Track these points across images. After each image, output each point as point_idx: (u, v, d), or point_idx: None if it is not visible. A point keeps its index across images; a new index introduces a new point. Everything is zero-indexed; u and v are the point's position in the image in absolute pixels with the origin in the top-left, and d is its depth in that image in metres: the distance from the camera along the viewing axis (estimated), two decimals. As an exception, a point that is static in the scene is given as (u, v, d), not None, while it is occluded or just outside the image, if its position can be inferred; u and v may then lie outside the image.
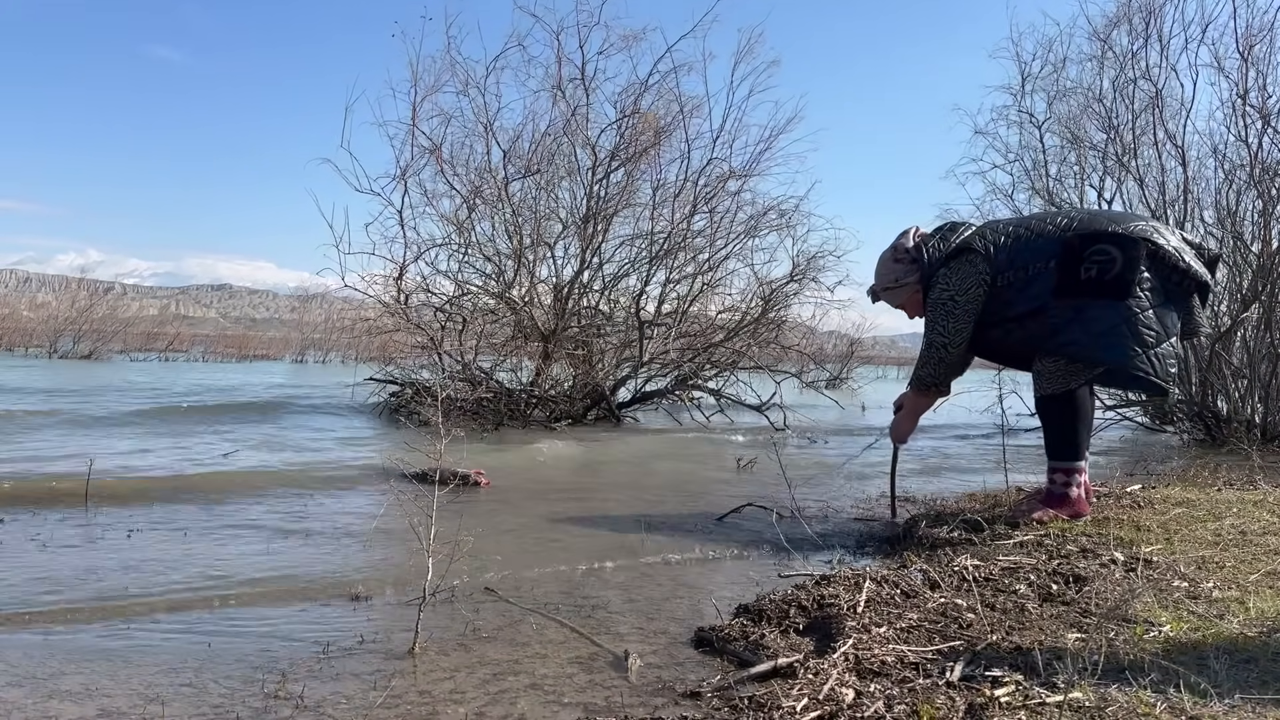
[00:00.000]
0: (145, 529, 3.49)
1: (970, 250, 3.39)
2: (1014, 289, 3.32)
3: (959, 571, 2.62)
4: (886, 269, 3.62)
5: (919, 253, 3.53)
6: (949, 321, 3.39)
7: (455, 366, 8.49)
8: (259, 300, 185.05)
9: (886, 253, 3.64)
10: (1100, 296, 3.19)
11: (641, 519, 3.97)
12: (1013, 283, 3.32)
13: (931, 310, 3.45)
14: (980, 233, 3.46)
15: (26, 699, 1.83)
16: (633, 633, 2.37)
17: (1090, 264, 3.21)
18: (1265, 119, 7.84)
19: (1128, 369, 3.19)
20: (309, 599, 2.63)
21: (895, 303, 3.67)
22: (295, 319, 26.06)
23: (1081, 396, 3.33)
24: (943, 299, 3.40)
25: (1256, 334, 7.97)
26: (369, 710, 1.81)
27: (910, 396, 3.69)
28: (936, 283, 3.44)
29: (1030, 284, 3.29)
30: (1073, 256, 3.23)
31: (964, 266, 3.38)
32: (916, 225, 3.64)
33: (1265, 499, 3.73)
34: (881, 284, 3.65)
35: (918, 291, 3.56)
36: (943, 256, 3.45)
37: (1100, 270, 3.19)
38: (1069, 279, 3.23)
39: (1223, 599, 2.27)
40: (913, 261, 3.54)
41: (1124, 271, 3.18)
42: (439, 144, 8.57)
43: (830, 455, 6.87)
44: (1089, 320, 3.20)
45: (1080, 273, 3.22)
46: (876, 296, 3.71)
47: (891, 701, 1.70)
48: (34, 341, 21.55)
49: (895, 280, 3.60)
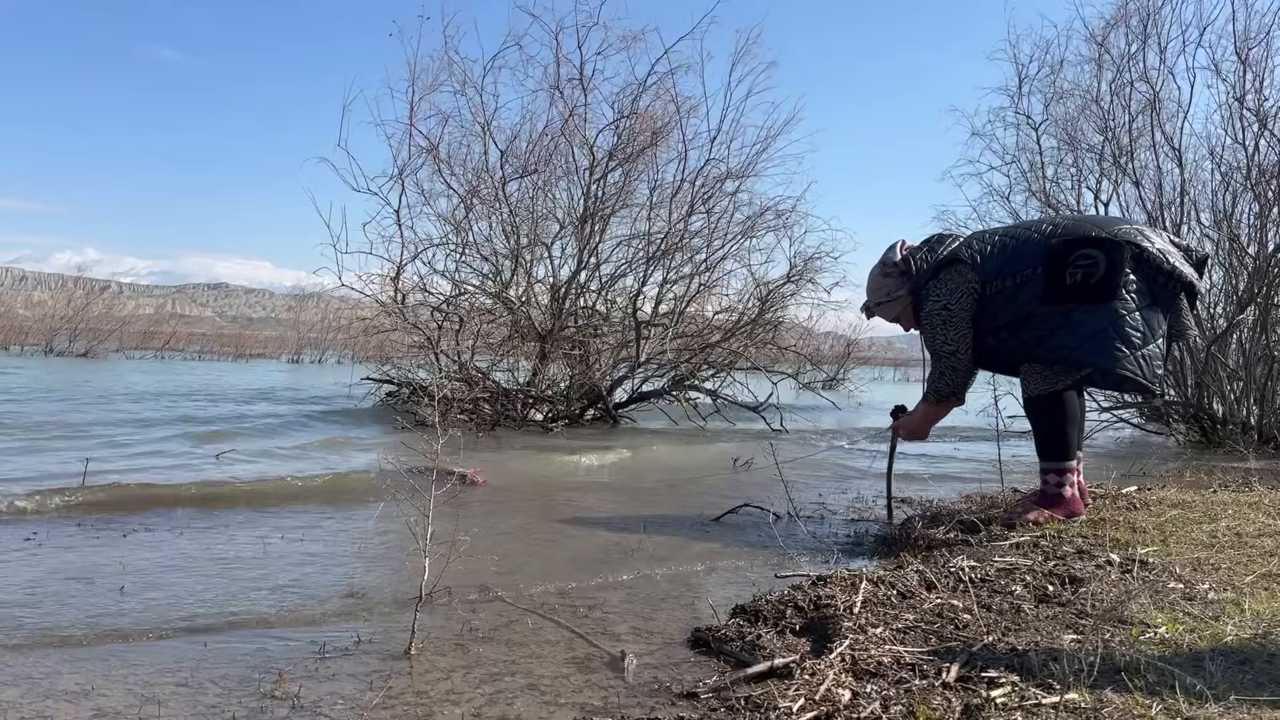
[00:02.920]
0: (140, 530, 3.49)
1: (958, 261, 3.41)
2: (1003, 296, 3.34)
3: (955, 572, 2.62)
4: (877, 284, 3.65)
5: (907, 265, 3.55)
6: (949, 330, 3.40)
7: (452, 366, 8.49)
8: (255, 299, 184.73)
9: (875, 269, 3.67)
10: (1086, 300, 3.22)
11: (638, 519, 3.97)
12: (1001, 291, 3.34)
13: (928, 324, 3.46)
14: (967, 243, 3.48)
15: (23, 699, 1.82)
16: (629, 633, 2.38)
17: (1075, 269, 3.23)
18: (1262, 122, 7.86)
19: (1115, 370, 3.21)
20: (306, 598, 2.63)
21: (889, 316, 3.70)
22: (292, 318, 26.03)
23: (1069, 396, 3.35)
24: (936, 310, 3.42)
25: (1252, 336, 7.99)
26: (365, 711, 1.80)
27: (925, 408, 3.69)
28: (928, 296, 3.45)
29: (1019, 291, 3.31)
30: (1058, 262, 3.26)
31: (954, 277, 3.40)
32: (903, 239, 3.67)
33: (1261, 501, 3.74)
34: (874, 300, 3.69)
35: (908, 305, 3.59)
36: (931, 268, 3.47)
37: (1085, 274, 3.22)
38: (1055, 285, 3.26)
39: (1218, 600, 2.28)
40: (901, 274, 3.57)
41: (1108, 275, 3.20)
42: (436, 143, 8.58)
43: (827, 456, 6.87)
44: (1076, 325, 3.23)
45: (1066, 278, 3.24)
46: (870, 313, 3.75)
47: (888, 702, 1.70)
48: (30, 340, 21.51)
49: (887, 295, 3.63)
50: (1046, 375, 3.32)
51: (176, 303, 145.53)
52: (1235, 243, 8.30)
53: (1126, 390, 3.34)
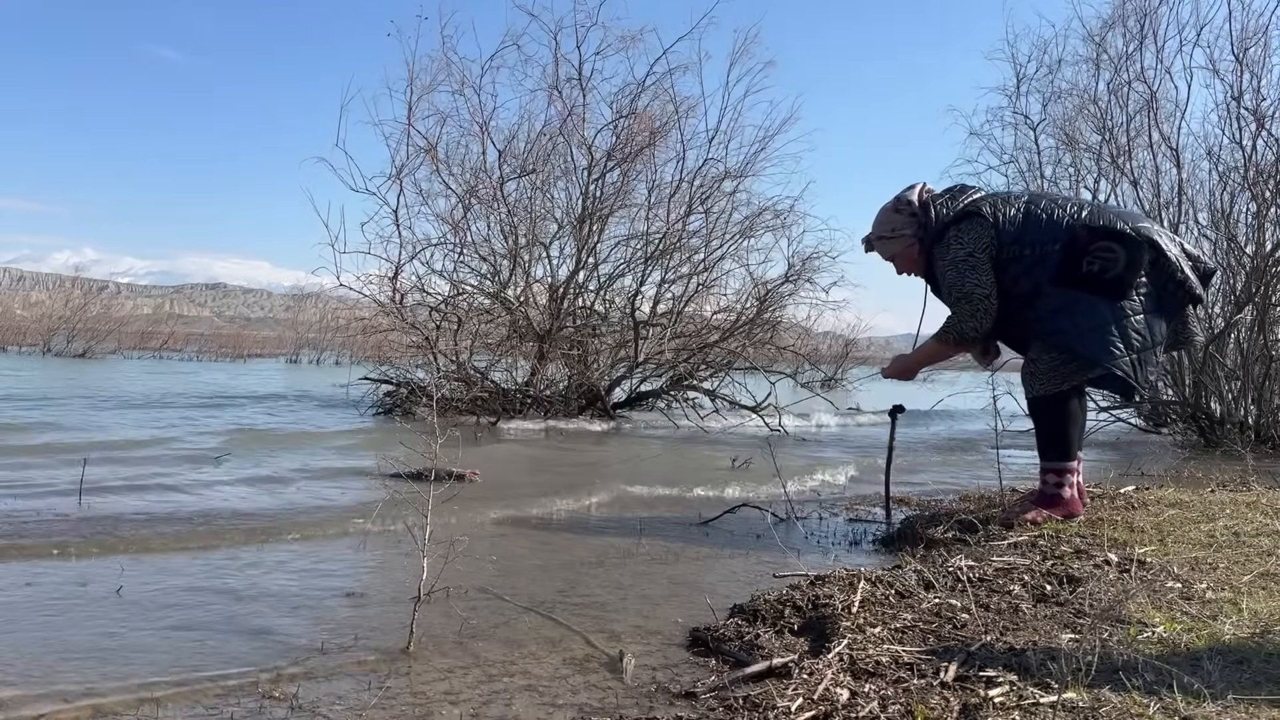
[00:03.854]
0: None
1: (979, 215, 3.34)
2: (1019, 265, 3.28)
3: (953, 572, 2.63)
4: (885, 218, 3.56)
5: (924, 211, 3.46)
6: (976, 274, 3.31)
7: (450, 366, 8.49)
8: (254, 299, 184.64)
9: (889, 203, 3.56)
10: (1095, 292, 3.19)
11: (636, 519, 3.97)
12: (1018, 258, 3.28)
13: (954, 270, 3.35)
14: (990, 200, 3.41)
15: (21, 698, 1.82)
16: (628, 632, 2.37)
17: (1094, 258, 3.19)
18: (1259, 121, 7.87)
19: (1107, 366, 3.18)
20: (304, 598, 2.62)
21: (887, 253, 3.60)
22: (290, 318, 26.01)
23: (1072, 398, 3.34)
24: (961, 256, 3.33)
25: (1250, 336, 8.00)
26: (363, 711, 1.80)
27: (935, 346, 3.55)
28: (950, 242, 3.37)
29: (1036, 264, 3.26)
30: (1078, 247, 3.21)
31: (974, 228, 3.33)
32: (924, 182, 3.57)
33: (1258, 500, 3.74)
34: (877, 232, 3.59)
35: (911, 246, 3.51)
36: (952, 216, 3.39)
37: (1102, 267, 3.18)
38: (1070, 268, 3.21)
39: (1216, 600, 2.28)
40: (912, 216, 3.48)
41: (1124, 272, 3.17)
42: (435, 143, 8.58)
43: (825, 456, 6.88)
44: (1079, 313, 3.20)
45: (1083, 265, 3.20)
46: (870, 245, 3.65)
47: (886, 702, 1.70)
48: (28, 340, 21.49)
49: (891, 230, 3.54)
50: (1052, 374, 3.29)
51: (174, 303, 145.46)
52: (1233, 242, 8.32)
53: (1113, 388, 3.34)
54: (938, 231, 3.42)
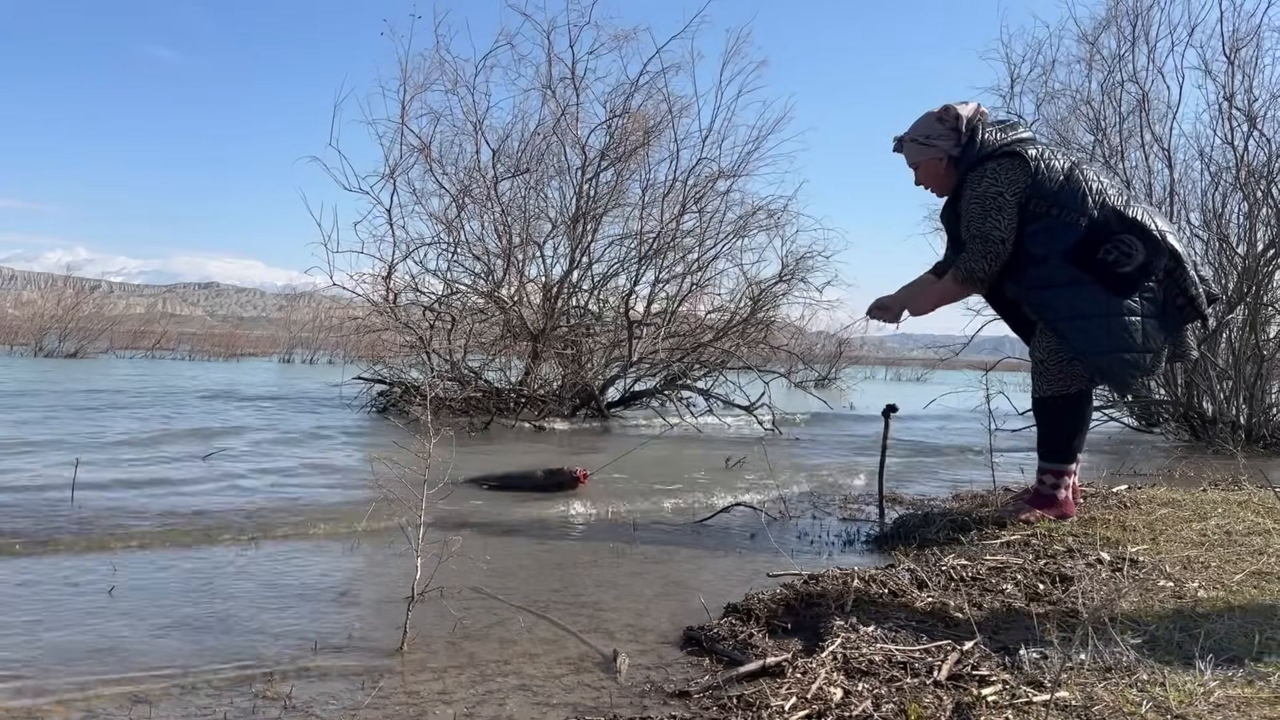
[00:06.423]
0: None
1: (1021, 157, 3.21)
2: (1040, 222, 3.18)
3: (946, 571, 2.63)
4: (924, 122, 3.43)
5: (969, 133, 3.33)
6: (1002, 217, 3.19)
7: (444, 366, 8.48)
8: (246, 298, 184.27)
9: (934, 110, 3.43)
10: (1103, 282, 3.12)
11: (630, 518, 3.97)
12: (1043, 215, 3.17)
13: (979, 204, 3.23)
14: (1039, 146, 3.28)
15: (11, 699, 1.81)
16: (622, 631, 2.37)
17: (1112, 247, 3.11)
18: (1251, 121, 7.91)
19: (1093, 359, 3.14)
20: (296, 597, 2.62)
21: (912, 159, 3.49)
22: (283, 317, 25.96)
23: (1080, 401, 3.29)
24: (992, 194, 3.20)
25: (1241, 335, 8.04)
26: (357, 710, 1.80)
27: (947, 284, 3.43)
28: (985, 175, 3.23)
29: (1057, 229, 3.15)
30: (1104, 231, 3.13)
31: (1013, 169, 3.20)
32: (980, 103, 3.43)
33: (1250, 499, 3.76)
34: (911, 134, 3.45)
35: (939, 160, 3.39)
36: (996, 149, 3.26)
37: (1118, 258, 3.11)
38: (1088, 249, 3.13)
39: (1208, 598, 2.29)
40: (953, 130, 3.35)
41: (1135, 271, 3.11)
42: (428, 143, 8.56)
43: (818, 455, 6.89)
44: (1078, 297, 3.13)
45: (1099, 250, 3.12)
46: (900, 145, 3.53)
47: (879, 700, 1.70)
48: (19, 339, 21.39)
49: (926, 136, 3.40)
50: (1060, 375, 3.24)
51: (167, 302, 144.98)
52: (1225, 242, 8.35)
53: (1097, 382, 3.33)
54: (977, 158, 3.29)
